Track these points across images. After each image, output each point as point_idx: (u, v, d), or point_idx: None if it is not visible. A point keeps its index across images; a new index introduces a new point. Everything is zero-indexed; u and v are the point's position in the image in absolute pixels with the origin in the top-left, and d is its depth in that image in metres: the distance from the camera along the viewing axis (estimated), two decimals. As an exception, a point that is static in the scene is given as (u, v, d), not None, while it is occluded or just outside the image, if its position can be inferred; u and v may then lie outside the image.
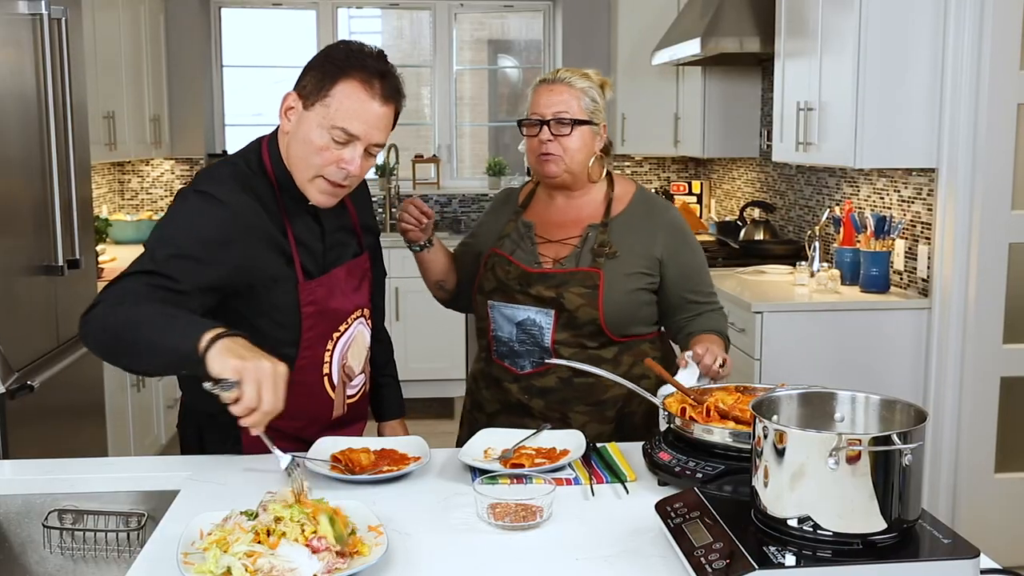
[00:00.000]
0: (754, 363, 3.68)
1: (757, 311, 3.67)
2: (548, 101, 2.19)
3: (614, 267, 2.19)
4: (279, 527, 1.38)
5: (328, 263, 1.96)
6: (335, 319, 1.97)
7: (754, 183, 5.56)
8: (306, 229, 1.92)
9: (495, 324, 2.25)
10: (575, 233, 2.25)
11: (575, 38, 6.39)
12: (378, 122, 1.83)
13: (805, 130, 3.91)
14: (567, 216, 2.27)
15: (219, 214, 1.77)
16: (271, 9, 6.56)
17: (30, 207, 3.18)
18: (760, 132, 5.40)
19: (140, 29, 5.41)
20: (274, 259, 1.85)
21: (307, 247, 1.91)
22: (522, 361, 2.22)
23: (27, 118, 3.16)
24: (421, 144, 6.77)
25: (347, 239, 2.04)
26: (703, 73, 5.39)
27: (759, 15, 4.52)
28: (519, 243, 2.28)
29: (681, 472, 1.67)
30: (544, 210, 2.31)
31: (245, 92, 6.69)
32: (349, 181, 1.84)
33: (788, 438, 1.35)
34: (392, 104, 1.87)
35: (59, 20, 3.26)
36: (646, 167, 6.60)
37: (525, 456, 1.85)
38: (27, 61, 3.18)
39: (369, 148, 1.84)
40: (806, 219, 4.82)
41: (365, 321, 2.07)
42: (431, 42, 6.63)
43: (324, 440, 1.92)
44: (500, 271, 2.25)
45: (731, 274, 4.33)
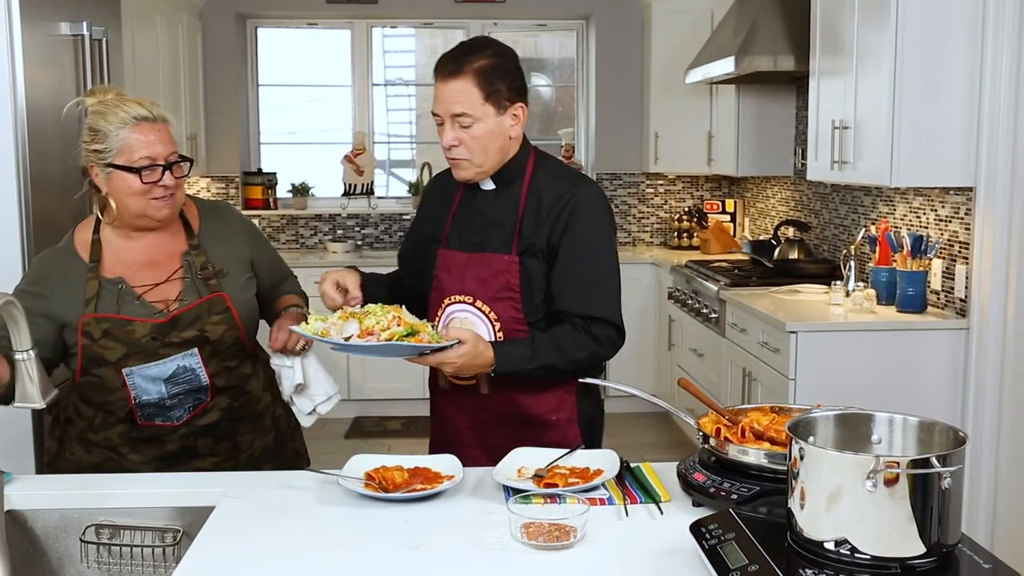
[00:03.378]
0: (789, 383, 3.66)
1: (792, 331, 3.64)
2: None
3: (230, 284, 2.23)
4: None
5: (465, 243, 2.22)
6: (440, 292, 2.23)
7: (788, 202, 5.54)
8: (470, 210, 2.23)
9: (136, 390, 2.14)
10: (174, 266, 2.20)
11: (608, 56, 6.40)
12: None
13: (840, 148, 3.89)
14: (154, 255, 2.20)
15: (427, 185, 2.44)
16: (306, 28, 6.63)
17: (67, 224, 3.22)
18: (794, 150, 5.37)
19: (178, 49, 5.49)
20: (440, 223, 2.28)
21: (460, 223, 2.24)
22: (176, 412, 2.19)
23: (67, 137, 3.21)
24: (454, 162, 6.80)
25: (498, 233, 2.19)
26: (737, 91, 5.38)
27: (793, 33, 4.51)
28: (119, 302, 2.13)
29: (716, 493, 1.66)
30: (127, 259, 2.18)
31: (281, 110, 6.76)
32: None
33: (825, 460, 1.34)
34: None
35: (100, 40, 3.32)
36: (679, 185, 6.59)
37: (559, 475, 1.85)
38: (68, 80, 3.23)
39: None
40: (841, 238, 4.79)
41: (473, 309, 2.17)
42: (464, 61, 6.67)
43: (358, 458, 1.93)
44: (122, 334, 2.10)
45: (765, 293, 4.30)
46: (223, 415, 2.23)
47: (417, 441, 5.51)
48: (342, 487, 1.83)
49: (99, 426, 2.19)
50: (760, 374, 3.99)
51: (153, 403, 2.16)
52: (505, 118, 2.16)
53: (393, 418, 5.93)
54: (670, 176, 6.54)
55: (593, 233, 2.16)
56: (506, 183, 2.23)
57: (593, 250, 2.16)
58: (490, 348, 2.06)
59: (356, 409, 5.98)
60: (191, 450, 2.21)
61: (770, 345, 3.84)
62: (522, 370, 2.10)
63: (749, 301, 4.12)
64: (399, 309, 2.01)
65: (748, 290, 4.41)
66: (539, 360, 2.10)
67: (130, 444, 2.19)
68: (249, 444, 2.28)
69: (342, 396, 2.42)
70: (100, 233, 2.19)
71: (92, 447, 2.20)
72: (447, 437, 2.32)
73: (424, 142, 6.88)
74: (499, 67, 2.13)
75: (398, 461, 1.92)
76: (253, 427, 2.29)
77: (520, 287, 2.16)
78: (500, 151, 2.18)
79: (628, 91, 6.41)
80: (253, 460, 2.29)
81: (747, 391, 4.13)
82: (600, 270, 2.17)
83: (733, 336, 4.35)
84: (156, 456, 2.19)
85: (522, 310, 2.16)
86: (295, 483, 1.90)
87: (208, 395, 2.20)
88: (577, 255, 2.14)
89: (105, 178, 2.12)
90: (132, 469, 2.17)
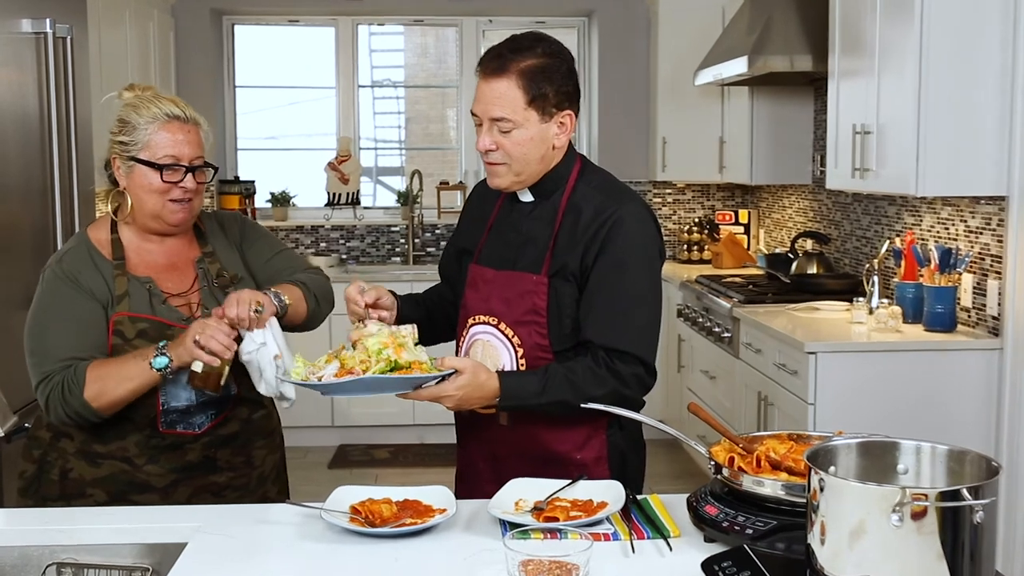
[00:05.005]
0: (807, 408, 3.65)
1: (810, 351, 3.64)
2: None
3: (243, 288, 2.26)
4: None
5: (497, 260, 2.21)
6: (466, 311, 2.24)
7: (806, 212, 5.55)
8: (507, 223, 2.23)
9: (167, 396, 2.18)
10: (192, 273, 2.28)
11: (612, 56, 6.42)
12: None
13: (862, 155, 3.90)
14: (174, 259, 2.28)
15: (472, 191, 2.43)
16: (287, 26, 6.65)
17: (29, 235, 3.23)
18: (813, 157, 5.39)
19: (149, 47, 5.50)
20: (476, 234, 2.30)
21: (495, 237, 2.25)
22: (198, 419, 2.22)
23: (28, 141, 3.22)
24: (447, 170, 6.82)
25: (531, 251, 2.17)
26: (750, 94, 5.39)
27: (811, 31, 4.53)
28: (151, 304, 2.20)
29: (729, 528, 1.66)
30: (149, 260, 2.26)
31: (259, 114, 6.77)
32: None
33: (847, 492, 1.34)
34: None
35: (64, 39, 3.33)
36: (689, 195, 6.60)
37: (560, 508, 1.85)
38: (30, 82, 3.24)
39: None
40: (863, 251, 4.79)
41: (496, 333, 2.16)
42: (457, 60, 6.70)
43: (343, 489, 1.93)
44: (160, 337, 2.15)
45: (782, 311, 4.30)
46: (242, 426, 2.28)
47: (406, 471, 5.50)
48: (325, 521, 1.82)
49: (110, 436, 2.20)
50: (777, 398, 3.99)
51: (180, 409, 2.19)
52: (550, 126, 2.13)
53: (380, 446, 5.92)
54: (679, 185, 6.56)
55: (631, 256, 2.11)
56: (545, 195, 2.20)
57: (628, 275, 2.10)
58: (494, 378, 2.02)
59: (340, 436, 5.96)
60: (210, 462, 2.24)
61: (787, 367, 3.83)
62: (531, 405, 2.06)
63: (764, 319, 4.12)
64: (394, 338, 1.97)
65: (763, 307, 4.41)
66: (550, 395, 2.05)
67: (148, 454, 2.21)
68: (262, 460, 2.33)
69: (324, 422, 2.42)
70: (119, 233, 2.26)
71: (100, 459, 2.20)
72: (466, 469, 2.32)
73: (414, 148, 6.89)
74: (548, 69, 2.10)
75: (386, 493, 1.91)
76: (266, 443, 2.35)
77: (547, 311, 2.12)
78: (541, 160, 2.15)
79: (633, 93, 6.43)
80: (263, 479, 2.33)
81: (763, 417, 4.13)
82: (633, 298, 2.11)
83: (747, 357, 4.35)
84: (175, 467, 2.21)
85: (548, 336, 2.13)
86: (274, 517, 1.89)
87: (231, 404, 2.25)
88: (609, 279, 2.10)
89: (126, 172, 2.20)
90: (147, 482, 2.19)
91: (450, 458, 2.45)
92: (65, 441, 2.22)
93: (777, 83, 5.21)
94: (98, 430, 2.19)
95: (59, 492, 2.20)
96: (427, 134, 6.97)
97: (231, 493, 2.26)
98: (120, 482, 2.19)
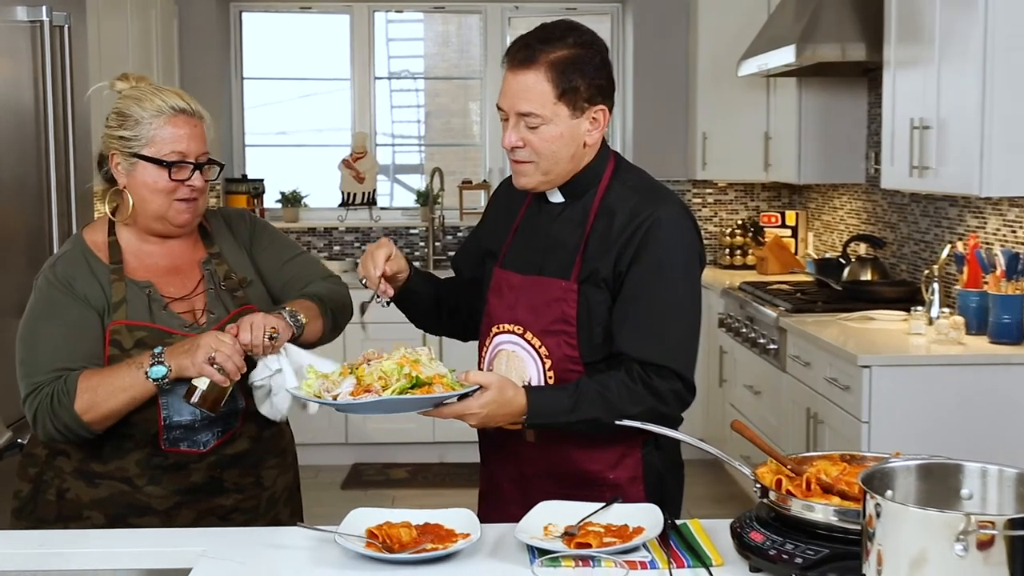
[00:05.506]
0: (861, 427, 3.64)
1: (864, 365, 3.62)
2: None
3: (256, 294, 2.32)
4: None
5: (523, 264, 2.21)
6: (490, 319, 2.24)
7: (859, 214, 5.52)
8: (534, 225, 2.23)
9: (169, 410, 2.17)
10: (196, 275, 2.29)
11: (648, 45, 6.42)
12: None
13: (920, 152, 3.88)
14: (176, 262, 2.29)
15: (497, 188, 2.43)
16: (298, 13, 6.69)
17: (24, 238, 3.26)
18: (866, 154, 5.36)
19: (151, 37, 5.55)
20: (501, 236, 2.30)
21: (521, 240, 2.25)
22: (204, 437, 2.22)
23: (23, 137, 3.25)
24: (470, 168, 6.84)
25: (560, 255, 2.16)
26: (798, 85, 5.38)
27: (865, 17, 4.51)
28: (150, 310, 2.20)
29: (777, 556, 1.65)
30: (149, 264, 2.26)
31: (269, 108, 6.81)
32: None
33: (906, 518, 1.33)
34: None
35: (61, 28, 3.36)
36: (731, 195, 6.58)
37: (592, 534, 1.84)
38: (24, 73, 3.27)
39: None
40: (922, 256, 4.77)
41: (522, 343, 2.16)
42: (481, 50, 6.71)
43: (358, 512, 1.93)
44: (159, 346, 2.13)
45: (833, 321, 4.29)
46: (252, 444, 2.28)
47: (426, 492, 5.51)
48: (340, 546, 1.83)
49: (109, 454, 2.20)
50: (827, 416, 3.97)
51: (183, 425, 2.19)
52: (581, 122, 2.12)
53: (398, 465, 5.94)
54: (720, 184, 6.54)
55: (668, 261, 2.10)
56: (576, 196, 2.20)
57: (665, 282, 2.10)
58: (521, 394, 2.02)
59: (354, 455, 5.98)
60: (216, 483, 2.24)
61: (839, 382, 3.82)
62: (560, 423, 2.06)
63: (814, 330, 4.11)
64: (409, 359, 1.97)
65: (813, 317, 4.39)
66: (582, 412, 2.04)
67: (149, 474, 2.21)
68: (272, 481, 2.33)
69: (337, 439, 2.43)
70: (117, 235, 2.26)
71: (98, 479, 2.21)
72: (489, 489, 2.33)
73: (434, 145, 6.92)
74: (579, 60, 2.09)
75: (405, 516, 1.91)
76: (278, 462, 2.35)
77: (577, 320, 2.12)
78: (572, 159, 2.15)
79: (671, 85, 6.42)
80: (273, 500, 2.34)
81: (812, 436, 4.11)
82: (671, 307, 2.11)
83: (795, 371, 4.33)
84: (179, 488, 2.21)
85: (577, 347, 2.13)
86: (285, 541, 1.90)
87: (239, 420, 2.25)
88: (644, 287, 2.09)
89: (127, 169, 2.20)
90: (148, 505, 2.20)
91: (473, 478, 2.46)
92: (62, 459, 2.23)
93: (827, 74, 5.19)
94: (96, 448, 2.19)
95: (56, 514, 2.21)
96: (448, 129, 6.99)
97: (239, 516, 2.26)
98: (119, 504, 2.20)
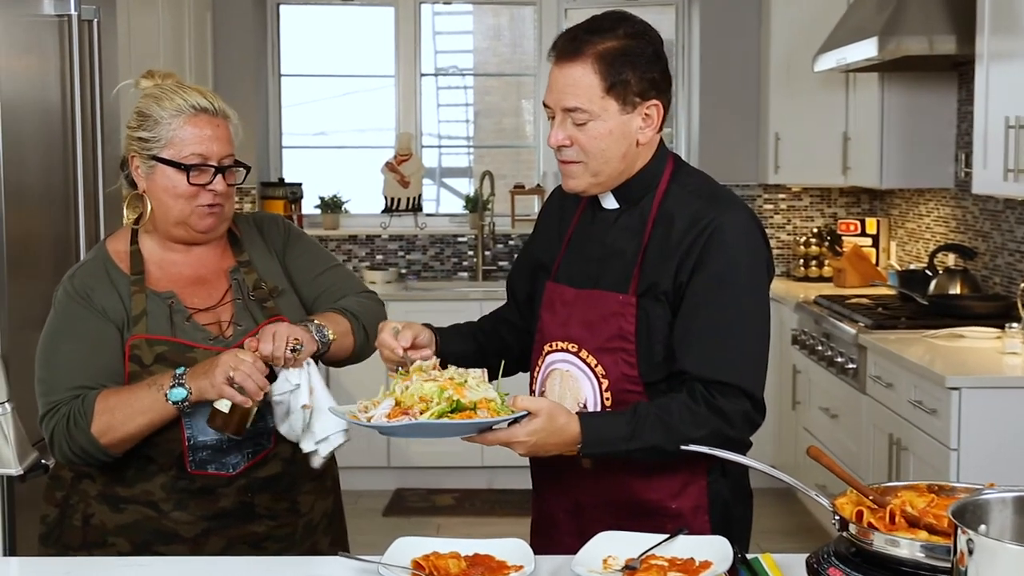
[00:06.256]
0: (950, 454, 3.61)
1: (953, 387, 3.59)
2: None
3: (288, 305, 2.33)
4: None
5: (577, 277, 2.21)
6: (542, 336, 2.25)
7: (948, 221, 5.47)
8: (588, 234, 2.23)
9: (193, 429, 2.19)
10: (223, 285, 2.30)
11: (716, 37, 6.41)
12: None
13: (1016, 153, 3.84)
14: (201, 271, 2.31)
15: (549, 196, 2.44)
16: (339, 6, 6.75)
17: (49, 246, 3.30)
18: (956, 156, 5.31)
19: (183, 32, 5.62)
20: (553, 247, 2.31)
21: (574, 251, 2.25)
22: (233, 459, 2.23)
23: (49, 139, 3.30)
24: (522, 171, 6.86)
25: (616, 266, 2.17)
26: (881, 81, 5.34)
27: (955, 7, 4.48)
28: (172, 322, 2.22)
29: (858, 595, 1.64)
30: (173, 273, 2.29)
31: (308, 107, 6.87)
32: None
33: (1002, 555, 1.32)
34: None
35: (90, 22, 3.41)
36: (806, 200, 6.54)
37: (656, 568, 1.84)
38: (51, 71, 3.32)
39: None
40: (1017, 268, 4.72)
41: (577, 361, 2.16)
42: (535, 45, 6.73)
43: (403, 541, 1.94)
44: (181, 361, 2.17)
45: (918, 338, 4.25)
46: (285, 467, 2.29)
47: (473, 520, 5.52)
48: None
49: (134, 477, 2.23)
50: (912, 442, 3.93)
51: (209, 446, 2.21)
52: (632, 118, 2.12)
53: (443, 491, 5.95)
54: (794, 189, 6.51)
55: (733, 272, 2.09)
56: (632, 201, 2.20)
57: (730, 295, 2.09)
58: (574, 422, 2.01)
59: (396, 479, 6.01)
60: (247, 508, 2.26)
61: (924, 405, 3.78)
62: (618, 452, 2.04)
63: (897, 348, 4.08)
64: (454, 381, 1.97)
65: (895, 334, 4.36)
66: (641, 440, 2.03)
67: (175, 499, 2.23)
68: (310, 507, 2.34)
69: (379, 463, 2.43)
70: (139, 243, 2.29)
71: (123, 504, 2.24)
72: (542, 518, 2.33)
73: (484, 146, 6.94)
74: (630, 52, 2.10)
75: (453, 546, 1.92)
76: (314, 486, 2.36)
77: (636, 336, 2.11)
78: (623, 159, 2.15)
79: (741, 82, 6.41)
80: (311, 528, 2.35)
81: (895, 464, 4.07)
82: (737, 322, 2.09)
83: (876, 393, 4.30)
84: (206, 514, 2.23)
85: (637, 366, 2.12)
86: (323, 571, 1.91)
87: (271, 441, 2.26)
88: (708, 300, 2.08)
89: (146, 172, 2.23)
90: (174, 532, 2.22)
91: (524, 506, 2.46)
92: (87, 483, 2.26)
93: (913, 68, 5.15)
94: (120, 470, 2.22)
95: (81, 540, 2.24)
96: (499, 130, 7.01)
97: (273, 545, 2.27)
98: (145, 530, 2.22)
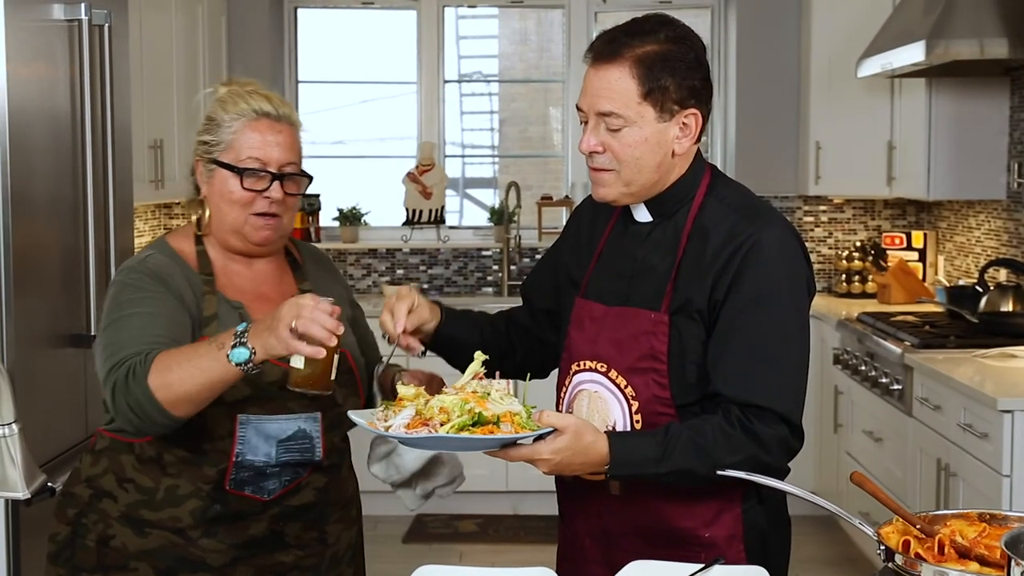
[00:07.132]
0: (1002, 481, 3.58)
1: (1005, 409, 3.57)
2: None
3: (347, 339, 2.26)
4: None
5: (607, 293, 2.21)
6: (570, 354, 2.24)
7: (999, 235, 5.44)
8: (619, 248, 2.24)
9: (244, 446, 2.20)
10: None
11: (753, 41, 6.40)
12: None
13: (1071, 164, 3.81)
14: (263, 288, 2.32)
15: (578, 206, 2.44)
16: (359, 10, 6.77)
17: (58, 260, 3.33)
18: (1008, 166, 5.28)
19: (197, 36, 5.66)
20: (583, 261, 2.30)
21: (604, 265, 2.25)
22: (271, 484, 2.24)
23: (59, 148, 3.32)
24: (550, 182, 6.86)
25: (648, 282, 2.17)
26: (928, 87, 5.32)
27: (1006, 9, 4.46)
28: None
29: (904, 629, 1.63)
30: (238, 284, 2.30)
31: (326, 114, 6.90)
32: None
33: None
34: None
35: (101, 27, 3.44)
36: (848, 212, 6.52)
37: (689, 600, 1.83)
38: (61, 77, 3.35)
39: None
40: (1073, 284, 4.68)
41: (605, 382, 2.16)
42: (564, 50, 6.74)
43: (425, 570, 1.93)
44: (250, 375, 2.11)
45: (968, 358, 4.22)
46: (317, 496, 2.31)
47: (497, 548, 5.51)
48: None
49: (163, 500, 2.22)
50: (962, 467, 3.91)
51: (255, 467, 2.22)
52: (669, 127, 2.12)
53: (465, 517, 5.95)
54: (836, 200, 6.48)
55: (771, 291, 2.09)
56: (666, 214, 2.20)
57: (768, 313, 2.08)
58: (602, 441, 2.00)
59: (417, 504, 5.99)
60: (277, 538, 2.27)
61: (975, 428, 3.76)
62: (647, 474, 2.04)
63: (945, 368, 4.05)
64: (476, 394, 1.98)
65: (944, 353, 4.33)
66: (672, 462, 2.02)
67: (204, 527, 2.23)
68: (336, 538, 2.37)
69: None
70: (204, 246, 2.32)
71: (148, 528, 2.24)
72: (568, 546, 2.32)
73: (509, 156, 6.95)
74: (670, 57, 2.10)
75: (476, 575, 1.91)
76: (342, 516, 2.38)
77: (668, 356, 2.11)
78: (657, 169, 2.14)
79: (780, 87, 6.39)
80: (337, 560, 2.37)
81: (944, 491, 4.05)
82: (775, 342, 2.09)
83: (923, 415, 4.27)
84: (236, 542, 2.24)
85: (668, 387, 2.11)
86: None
87: (306, 470, 2.28)
88: (744, 319, 2.08)
89: (207, 176, 2.28)
90: (202, 560, 2.23)
91: (550, 533, 2.46)
92: (107, 502, 2.26)
93: (962, 74, 5.13)
94: (149, 492, 2.22)
95: (95, 562, 2.25)
96: (526, 138, 7.02)
97: (298, 575, 2.29)
98: (170, 557, 2.22)
